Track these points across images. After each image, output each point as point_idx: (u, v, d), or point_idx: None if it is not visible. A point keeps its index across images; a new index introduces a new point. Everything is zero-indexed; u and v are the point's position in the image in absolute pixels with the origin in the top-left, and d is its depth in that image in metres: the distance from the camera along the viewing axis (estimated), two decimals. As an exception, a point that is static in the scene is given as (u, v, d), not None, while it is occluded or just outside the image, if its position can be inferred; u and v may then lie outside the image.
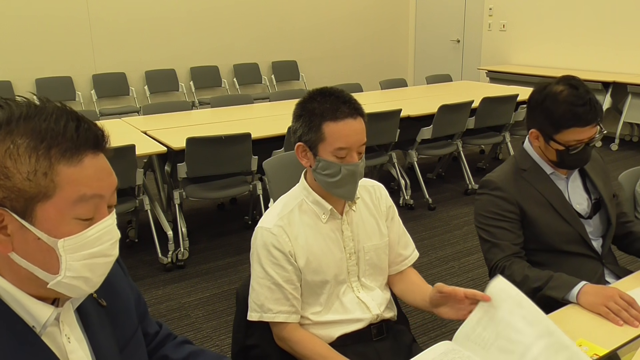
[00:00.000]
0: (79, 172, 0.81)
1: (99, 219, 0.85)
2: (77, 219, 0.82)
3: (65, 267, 0.82)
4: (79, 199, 0.81)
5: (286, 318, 1.54)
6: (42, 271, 0.83)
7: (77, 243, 0.82)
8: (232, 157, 3.56)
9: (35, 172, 0.78)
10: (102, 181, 0.84)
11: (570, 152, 1.73)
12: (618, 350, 1.35)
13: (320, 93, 1.51)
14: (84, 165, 0.82)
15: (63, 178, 0.80)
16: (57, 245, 0.81)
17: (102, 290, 0.95)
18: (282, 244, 1.52)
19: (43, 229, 0.80)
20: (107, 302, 1.00)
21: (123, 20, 6.43)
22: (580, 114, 1.67)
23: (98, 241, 0.85)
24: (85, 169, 0.82)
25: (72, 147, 0.81)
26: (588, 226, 1.84)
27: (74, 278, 0.83)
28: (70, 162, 0.80)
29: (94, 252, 0.84)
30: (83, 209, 0.82)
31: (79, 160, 0.81)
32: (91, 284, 0.87)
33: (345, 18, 8.07)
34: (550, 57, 7.11)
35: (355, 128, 1.48)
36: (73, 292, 0.86)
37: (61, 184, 0.80)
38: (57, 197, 0.80)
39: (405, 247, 1.73)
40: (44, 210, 0.80)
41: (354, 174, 1.51)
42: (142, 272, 3.46)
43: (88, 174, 0.82)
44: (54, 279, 0.83)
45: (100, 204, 0.85)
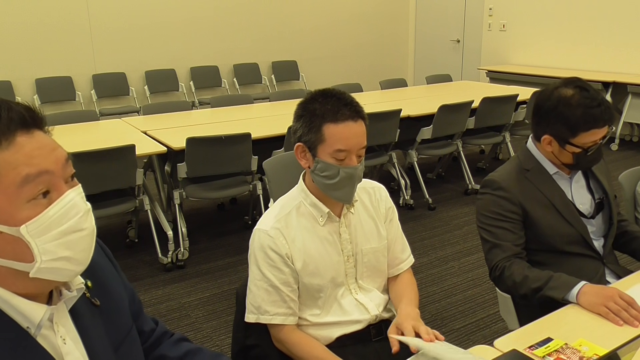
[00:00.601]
0: (14, 154, 0.78)
1: (57, 197, 0.81)
2: (32, 200, 0.79)
3: (38, 251, 0.79)
4: (24, 180, 0.78)
5: (283, 320, 1.53)
6: (18, 263, 0.80)
7: (41, 225, 0.79)
8: (232, 157, 3.56)
9: None
10: (45, 157, 0.81)
11: (587, 154, 1.74)
12: (618, 350, 1.35)
13: (322, 94, 1.51)
14: (18, 146, 0.78)
15: (0, 164, 0.77)
16: (20, 232, 0.78)
17: (95, 289, 0.94)
18: (279, 246, 1.52)
19: (1, 221, 0.78)
20: (100, 301, 0.98)
21: (123, 20, 6.43)
22: (597, 115, 1.68)
23: (64, 218, 0.81)
24: (20, 149, 0.78)
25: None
26: (590, 226, 1.85)
27: (54, 260, 0.81)
28: (1, 147, 0.77)
29: (65, 230, 0.81)
30: (32, 189, 0.79)
31: (9, 142, 0.78)
32: (76, 262, 0.84)
33: (346, 18, 8.07)
34: (550, 57, 7.11)
35: (355, 131, 1.47)
36: (60, 275, 0.83)
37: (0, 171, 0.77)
38: (1, 185, 0.77)
39: (402, 250, 1.73)
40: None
41: (352, 177, 1.50)
42: (142, 272, 3.46)
43: (26, 153, 0.79)
44: (32, 266, 0.80)
45: (52, 181, 0.81)
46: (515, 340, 1.40)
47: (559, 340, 1.38)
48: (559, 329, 1.45)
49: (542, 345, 1.36)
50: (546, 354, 1.33)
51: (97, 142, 3.38)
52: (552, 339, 1.39)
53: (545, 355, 1.32)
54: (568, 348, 1.35)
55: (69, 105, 6.20)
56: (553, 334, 1.41)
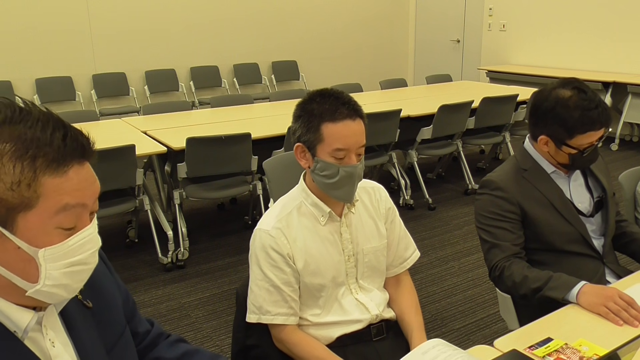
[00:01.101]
0: (63, 183, 0.79)
1: (81, 228, 0.83)
2: (59, 228, 0.81)
3: (44, 276, 0.81)
4: (62, 208, 0.80)
5: (284, 320, 1.53)
6: (20, 280, 0.81)
7: (58, 252, 0.81)
8: (232, 157, 3.56)
9: (20, 182, 0.76)
10: (86, 190, 0.83)
11: (583, 155, 1.75)
12: (618, 350, 1.35)
13: (319, 94, 1.51)
14: (69, 176, 0.80)
15: (47, 189, 0.78)
16: (37, 255, 0.80)
17: (87, 290, 0.94)
18: (280, 246, 1.52)
19: (24, 239, 0.79)
20: (93, 302, 0.98)
21: (123, 20, 6.43)
22: (594, 117, 1.68)
23: (79, 250, 0.83)
24: (69, 179, 0.80)
25: (58, 158, 0.79)
26: (590, 224, 1.85)
27: (54, 286, 0.82)
28: (55, 173, 0.79)
29: (74, 261, 0.83)
30: (65, 218, 0.81)
31: (64, 171, 0.79)
32: (70, 290, 0.86)
33: (346, 18, 8.07)
34: (550, 57, 7.11)
35: (354, 129, 1.47)
36: (52, 299, 0.85)
37: (44, 194, 0.78)
38: (39, 207, 0.78)
39: (406, 249, 1.73)
40: (26, 220, 0.78)
41: (352, 175, 1.50)
42: (142, 272, 3.46)
43: (72, 184, 0.80)
44: (32, 287, 0.81)
45: (82, 213, 0.83)
46: (515, 340, 1.40)
47: (559, 340, 1.38)
48: (559, 329, 1.45)
49: (542, 345, 1.36)
50: (546, 354, 1.33)
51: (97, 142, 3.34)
52: (552, 339, 1.39)
53: (545, 355, 1.32)
54: (568, 348, 1.35)
55: (69, 105, 6.20)
56: (553, 334, 1.41)
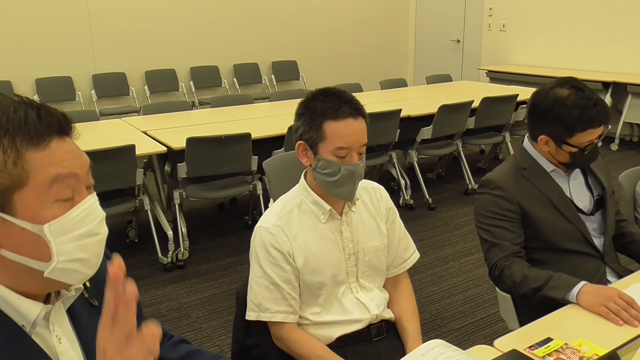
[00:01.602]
0: (48, 155, 0.81)
1: (79, 200, 0.85)
2: (58, 200, 0.82)
3: (56, 251, 0.82)
4: (54, 180, 0.81)
5: (284, 318, 1.54)
6: (34, 261, 0.82)
7: (63, 226, 0.82)
8: (232, 157, 3.56)
9: (5, 163, 0.79)
10: (74, 161, 0.85)
11: (584, 153, 1.75)
12: (618, 350, 1.35)
13: (322, 92, 1.52)
14: (52, 149, 0.82)
15: (34, 163, 0.80)
16: (43, 231, 0.81)
17: (93, 289, 0.95)
18: (280, 243, 1.52)
19: (26, 218, 0.80)
20: (99, 302, 0.98)
21: (123, 20, 6.42)
22: (593, 115, 1.69)
23: (83, 222, 0.85)
24: (54, 152, 0.82)
25: (36, 134, 0.81)
26: (590, 223, 1.85)
27: (69, 261, 0.83)
28: (37, 148, 0.81)
29: (83, 233, 0.84)
30: (61, 189, 0.82)
31: (45, 145, 0.82)
32: (88, 265, 0.86)
33: (346, 18, 8.07)
34: (550, 57, 7.11)
35: (356, 128, 1.48)
36: (72, 278, 0.86)
37: (33, 169, 0.80)
38: (32, 183, 0.80)
39: (406, 249, 1.73)
40: (22, 198, 0.80)
41: (353, 174, 1.51)
42: (142, 272, 3.46)
43: (58, 156, 0.83)
44: (48, 266, 0.82)
45: (77, 185, 0.85)
46: (515, 340, 1.40)
47: (559, 340, 1.38)
48: (559, 329, 1.45)
49: (542, 345, 1.36)
50: (546, 354, 1.33)
51: (97, 142, 3.37)
52: (552, 339, 1.39)
53: (545, 355, 1.32)
54: (568, 348, 1.35)
55: (69, 105, 6.20)
56: (553, 334, 1.41)
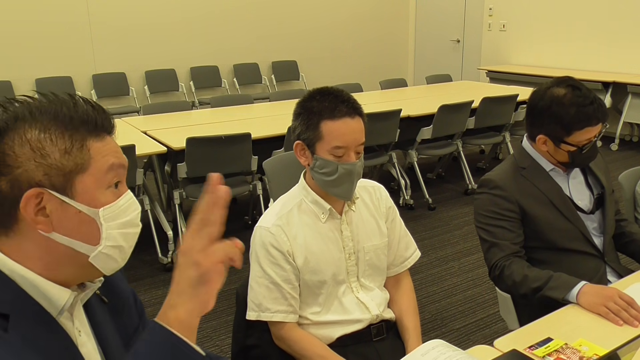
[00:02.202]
0: (104, 146, 0.89)
1: (124, 191, 0.92)
2: (109, 187, 0.89)
3: (105, 236, 0.87)
4: (110, 168, 0.88)
5: (284, 317, 1.54)
6: (83, 244, 0.87)
7: (113, 212, 0.88)
8: (232, 157, 3.56)
9: (72, 147, 0.85)
10: (121, 154, 0.92)
11: (582, 152, 1.75)
12: (618, 350, 1.35)
13: (319, 92, 1.53)
14: (106, 141, 0.90)
15: (94, 150, 0.87)
16: (97, 215, 0.87)
17: (103, 287, 0.97)
18: (280, 243, 1.52)
19: (84, 201, 0.86)
20: (108, 299, 1.01)
21: (123, 20, 6.42)
22: (590, 113, 1.70)
23: (128, 210, 0.91)
24: (108, 143, 0.90)
25: (96, 127, 0.89)
26: (590, 222, 1.85)
27: (112, 247, 0.89)
28: (96, 138, 0.88)
29: (126, 222, 0.90)
30: (113, 177, 0.89)
31: (102, 137, 0.89)
32: (124, 255, 0.92)
33: (346, 18, 8.07)
34: (550, 57, 7.11)
35: (353, 127, 1.48)
36: (108, 266, 0.90)
37: (93, 156, 0.87)
38: (92, 168, 0.86)
39: (406, 248, 1.73)
40: (82, 182, 0.86)
41: (351, 173, 1.51)
42: (142, 272, 3.46)
43: (111, 147, 0.90)
44: (94, 250, 0.87)
45: (123, 175, 0.92)
46: (515, 340, 1.40)
47: (559, 340, 1.38)
48: (559, 329, 1.45)
49: (542, 345, 1.36)
50: (546, 354, 1.33)
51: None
52: (552, 339, 1.39)
53: (545, 355, 1.32)
54: (568, 348, 1.35)
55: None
56: (553, 334, 1.41)
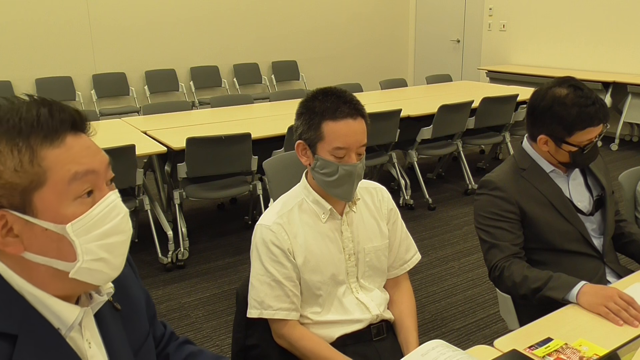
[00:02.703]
0: (64, 152, 0.81)
1: (100, 197, 0.84)
2: (78, 198, 0.81)
3: (81, 251, 0.81)
4: (73, 177, 0.81)
5: (286, 315, 1.54)
6: (60, 262, 0.82)
7: (86, 224, 0.82)
8: (232, 157, 3.56)
9: (22, 162, 0.78)
10: (92, 157, 0.84)
11: (583, 152, 1.75)
12: (618, 350, 1.35)
13: (322, 92, 1.52)
14: (68, 145, 0.81)
15: (50, 161, 0.79)
16: (65, 230, 0.80)
17: (116, 293, 0.95)
18: (281, 241, 1.52)
19: (47, 218, 0.80)
20: (121, 305, 0.99)
21: (123, 20, 6.42)
22: (592, 113, 1.69)
23: (107, 218, 0.84)
24: (70, 148, 0.81)
25: (50, 131, 0.80)
26: (590, 223, 1.84)
27: (94, 261, 0.82)
28: (52, 144, 0.80)
29: (107, 231, 0.83)
30: (80, 186, 0.81)
31: (60, 141, 0.81)
32: (112, 266, 0.86)
33: (346, 18, 8.07)
34: (550, 57, 7.11)
35: (354, 128, 1.48)
36: (96, 278, 0.85)
37: (50, 167, 0.79)
38: (50, 181, 0.79)
39: (407, 251, 1.73)
40: (42, 198, 0.79)
41: (352, 174, 1.50)
42: (142, 272, 3.46)
43: (75, 152, 0.82)
44: (73, 266, 0.82)
45: (96, 181, 0.84)
46: (515, 340, 1.40)
47: (559, 340, 1.38)
48: (559, 329, 1.45)
49: (542, 345, 1.36)
50: (546, 354, 1.33)
51: (97, 142, 3.35)
52: (552, 339, 1.39)
53: (545, 355, 1.32)
54: (568, 348, 1.35)
55: (69, 105, 6.20)
56: (553, 334, 1.41)
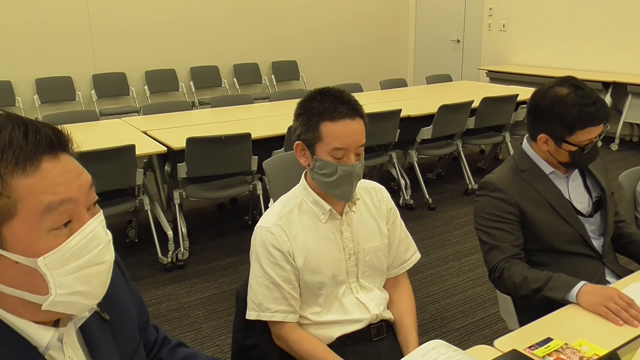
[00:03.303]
0: (38, 181, 0.72)
1: (79, 226, 0.77)
2: (52, 230, 0.74)
3: (54, 285, 0.75)
4: (46, 209, 0.73)
5: (284, 317, 1.54)
6: (31, 294, 0.75)
7: (60, 257, 0.74)
8: (232, 157, 3.56)
9: None
10: (69, 184, 0.76)
11: (583, 152, 1.75)
12: (618, 350, 1.35)
13: (320, 93, 1.52)
14: (43, 172, 0.73)
15: (22, 191, 0.71)
16: (37, 264, 0.73)
17: (104, 303, 0.89)
18: (280, 243, 1.52)
19: (18, 251, 0.73)
20: (110, 316, 0.93)
21: (123, 20, 6.43)
22: (592, 113, 1.69)
23: (84, 250, 0.77)
24: (45, 176, 0.73)
25: (23, 156, 0.72)
26: (589, 224, 1.84)
27: (69, 294, 0.76)
28: (25, 173, 0.72)
29: (83, 263, 0.76)
30: (54, 219, 0.74)
31: (34, 168, 0.72)
32: (91, 296, 0.80)
33: (346, 18, 8.07)
34: (550, 57, 7.11)
35: (353, 129, 1.48)
36: (73, 309, 0.80)
37: (22, 198, 0.71)
38: (21, 214, 0.72)
39: (406, 250, 1.73)
40: (12, 231, 0.72)
41: (350, 175, 1.50)
42: (142, 272, 3.46)
43: (50, 180, 0.73)
44: (46, 299, 0.75)
45: (74, 210, 0.76)
46: (515, 340, 1.40)
47: (559, 340, 1.38)
48: (559, 329, 1.45)
49: (542, 345, 1.36)
50: (546, 354, 1.33)
51: (97, 142, 3.37)
52: (552, 339, 1.39)
53: (545, 355, 1.32)
54: (568, 348, 1.35)
55: (68, 105, 6.20)
56: (553, 334, 1.41)
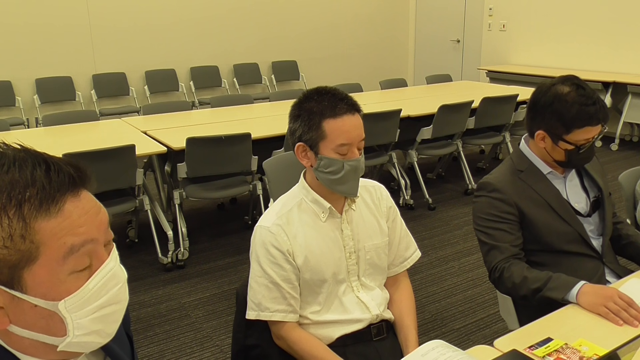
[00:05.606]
0: (60, 223, 0.71)
1: (98, 266, 0.76)
2: (73, 272, 0.73)
3: (72, 327, 0.74)
4: (69, 252, 0.72)
5: (283, 317, 1.54)
6: (48, 337, 0.74)
7: (80, 299, 0.73)
8: (232, 157, 3.56)
9: (11, 237, 0.68)
10: (91, 224, 0.74)
11: (579, 151, 1.75)
12: (618, 350, 1.35)
13: (316, 92, 1.54)
14: (65, 213, 0.71)
15: (44, 235, 0.70)
16: (58, 308, 0.72)
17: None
18: (280, 242, 1.53)
19: (38, 295, 0.71)
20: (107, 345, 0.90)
21: (123, 20, 6.43)
22: (591, 113, 1.70)
23: (103, 290, 0.76)
24: (67, 217, 0.71)
25: (46, 197, 0.70)
26: (588, 224, 1.85)
27: (85, 335, 0.75)
28: (48, 215, 0.70)
29: (102, 303, 0.76)
30: (77, 261, 0.73)
31: (58, 209, 0.71)
32: (105, 335, 0.79)
33: (346, 18, 8.07)
34: (550, 57, 7.11)
35: (354, 123, 1.50)
36: (87, 348, 0.79)
37: (44, 242, 0.70)
38: (43, 257, 0.70)
39: (407, 248, 1.74)
40: (33, 274, 0.70)
41: (356, 169, 1.53)
42: (142, 272, 3.46)
43: (72, 222, 0.72)
44: (62, 341, 0.75)
45: (94, 250, 0.75)
46: (515, 340, 1.40)
47: (559, 340, 1.38)
48: (559, 329, 1.45)
49: (542, 345, 1.36)
50: (546, 354, 1.33)
51: (97, 142, 3.38)
52: (552, 339, 1.39)
53: (545, 355, 1.32)
54: (568, 348, 1.35)
55: (69, 105, 6.20)
56: (553, 334, 1.42)
